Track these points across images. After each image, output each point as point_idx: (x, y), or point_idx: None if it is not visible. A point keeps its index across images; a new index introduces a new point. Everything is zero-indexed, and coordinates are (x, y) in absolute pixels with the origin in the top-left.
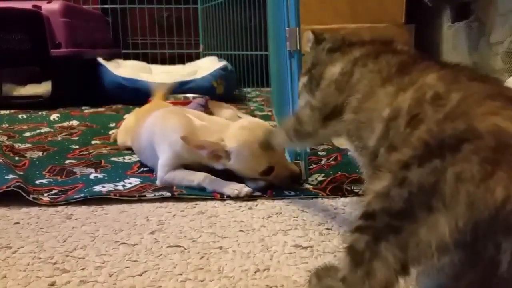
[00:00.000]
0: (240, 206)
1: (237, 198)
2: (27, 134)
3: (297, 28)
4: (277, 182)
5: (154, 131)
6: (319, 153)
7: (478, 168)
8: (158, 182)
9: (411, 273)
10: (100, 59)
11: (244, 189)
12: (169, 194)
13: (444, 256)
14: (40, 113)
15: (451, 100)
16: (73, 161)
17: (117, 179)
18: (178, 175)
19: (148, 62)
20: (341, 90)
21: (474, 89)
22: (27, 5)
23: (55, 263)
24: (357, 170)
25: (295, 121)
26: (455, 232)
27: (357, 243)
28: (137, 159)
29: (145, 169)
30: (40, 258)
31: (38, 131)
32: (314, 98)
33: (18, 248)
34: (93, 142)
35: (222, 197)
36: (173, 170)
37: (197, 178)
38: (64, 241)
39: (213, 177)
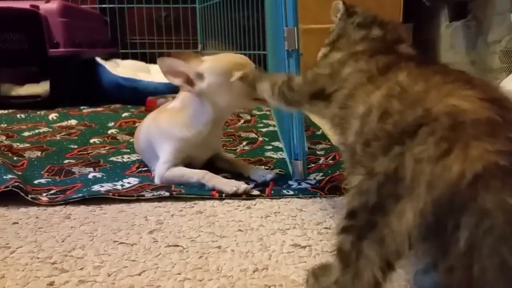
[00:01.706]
0: (238, 206)
1: (236, 197)
2: (26, 133)
3: (295, 28)
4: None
5: (151, 132)
6: (317, 152)
7: (435, 147)
8: (157, 180)
9: (405, 270)
10: (98, 59)
11: (243, 186)
12: (167, 194)
13: (416, 244)
14: (38, 112)
15: (413, 92)
16: (72, 161)
17: (116, 178)
18: (177, 172)
19: (146, 62)
20: (333, 79)
21: (435, 79)
22: (25, 5)
23: (53, 263)
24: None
25: (286, 83)
26: (418, 216)
27: (344, 244)
28: (136, 158)
29: (143, 168)
30: (38, 258)
31: (36, 130)
32: (312, 69)
33: (17, 248)
34: (91, 141)
35: (221, 196)
36: (173, 167)
37: (197, 175)
38: (63, 241)
39: (212, 174)
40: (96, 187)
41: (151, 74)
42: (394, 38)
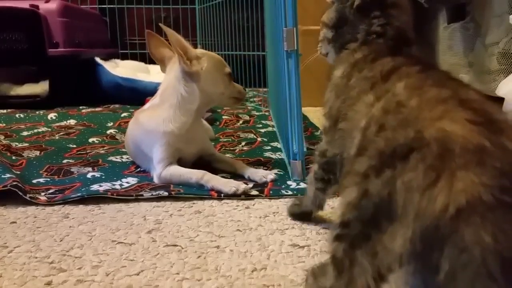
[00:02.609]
0: (237, 206)
1: (234, 197)
2: (25, 133)
3: (294, 28)
4: (237, 93)
5: (135, 134)
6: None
7: (423, 176)
8: (156, 180)
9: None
10: (97, 59)
11: (242, 186)
12: (166, 194)
13: (406, 264)
14: (37, 112)
15: (408, 107)
16: (71, 161)
17: (114, 178)
18: (175, 172)
19: (145, 62)
20: (339, 95)
21: (431, 94)
22: (25, 5)
23: (51, 263)
24: None
25: (319, 157)
26: (407, 242)
27: (337, 251)
28: None
29: (142, 168)
30: (36, 258)
31: (35, 130)
32: (323, 117)
33: (14, 248)
34: (90, 140)
35: (220, 196)
36: (170, 165)
37: (195, 175)
38: (61, 240)
39: (211, 174)
40: (94, 187)
41: (150, 74)
42: (397, 34)
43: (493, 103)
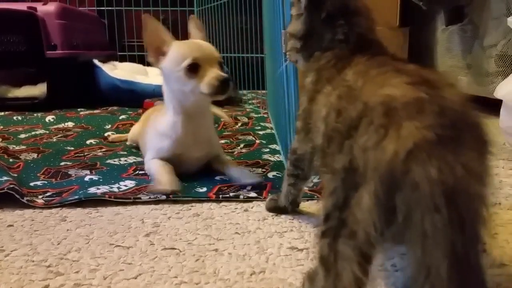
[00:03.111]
0: (235, 208)
1: (233, 200)
2: (22, 136)
3: None
4: (205, 87)
5: (148, 130)
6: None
7: (375, 134)
8: (145, 166)
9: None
10: (96, 61)
11: (169, 188)
12: (164, 196)
13: (380, 226)
14: (35, 114)
15: (356, 89)
16: (68, 163)
17: (112, 181)
18: (154, 166)
19: (144, 65)
20: (310, 101)
21: (373, 73)
22: (22, 7)
23: (48, 266)
24: None
25: (291, 155)
26: (372, 196)
27: (323, 249)
28: (133, 161)
29: (141, 171)
30: (33, 261)
31: (33, 132)
32: (297, 118)
33: (11, 251)
34: (88, 142)
35: (218, 198)
36: (156, 159)
37: (162, 184)
38: (58, 244)
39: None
40: (92, 190)
41: (148, 76)
42: (358, 39)
43: (427, 70)
